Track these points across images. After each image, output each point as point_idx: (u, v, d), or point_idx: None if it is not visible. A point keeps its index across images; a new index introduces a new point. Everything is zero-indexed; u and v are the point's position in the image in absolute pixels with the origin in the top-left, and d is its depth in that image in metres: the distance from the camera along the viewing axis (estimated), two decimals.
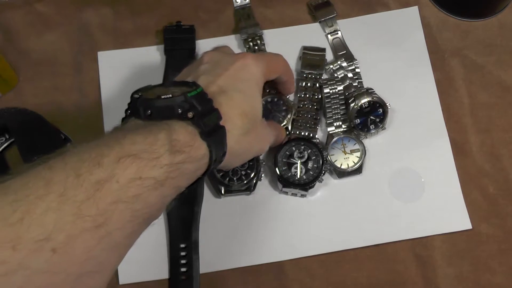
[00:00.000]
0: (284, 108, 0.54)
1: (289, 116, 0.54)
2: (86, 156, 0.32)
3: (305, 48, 0.57)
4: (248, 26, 0.57)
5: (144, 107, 0.36)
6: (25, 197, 0.29)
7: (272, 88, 0.54)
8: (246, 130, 0.41)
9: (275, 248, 0.52)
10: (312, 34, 0.58)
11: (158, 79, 0.56)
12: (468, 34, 0.59)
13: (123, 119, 0.38)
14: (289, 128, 0.54)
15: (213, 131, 0.37)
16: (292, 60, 0.57)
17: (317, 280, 0.51)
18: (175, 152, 0.34)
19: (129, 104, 0.38)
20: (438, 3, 0.59)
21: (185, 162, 0.35)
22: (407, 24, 0.59)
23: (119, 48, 0.57)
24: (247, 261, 0.51)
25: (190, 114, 0.36)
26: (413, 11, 0.59)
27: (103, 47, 0.57)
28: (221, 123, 0.38)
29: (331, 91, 0.54)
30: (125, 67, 0.57)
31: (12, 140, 0.51)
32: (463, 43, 0.58)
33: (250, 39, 0.57)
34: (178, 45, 0.56)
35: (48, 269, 0.29)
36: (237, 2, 0.59)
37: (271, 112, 0.54)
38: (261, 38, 0.57)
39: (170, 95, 0.36)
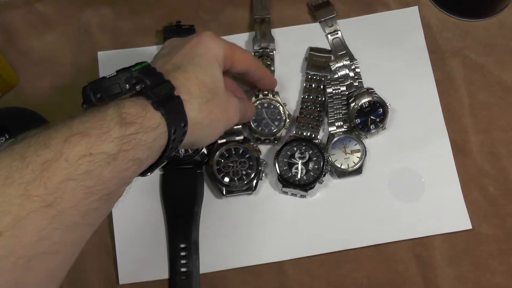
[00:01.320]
0: (278, 117, 0.53)
1: (282, 127, 0.53)
2: (32, 141, 0.32)
3: (311, 49, 0.57)
4: (262, 39, 0.56)
5: (94, 92, 0.36)
6: None
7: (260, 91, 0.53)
8: (206, 99, 0.40)
9: (275, 248, 0.52)
10: (312, 34, 0.58)
11: None
12: (468, 34, 0.59)
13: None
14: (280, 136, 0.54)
15: (166, 101, 0.37)
16: (294, 60, 0.57)
17: (317, 280, 0.51)
18: (126, 124, 0.34)
19: (83, 97, 0.38)
20: (438, 3, 0.59)
21: (138, 132, 0.34)
22: (407, 24, 0.59)
23: (119, 48, 0.57)
24: (247, 261, 0.51)
25: (138, 88, 0.36)
26: (413, 11, 0.59)
27: (103, 47, 0.57)
28: (176, 93, 0.38)
29: (334, 91, 0.54)
30: None
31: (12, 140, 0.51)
32: (463, 43, 0.58)
33: (261, 50, 0.56)
34: None
35: None
36: (257, 14, 0.57)
37: (264, 118, 0.53)
38: (271, 51, 0.56)
39: (115, 73, 0.37)
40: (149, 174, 0.39)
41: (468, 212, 0.53)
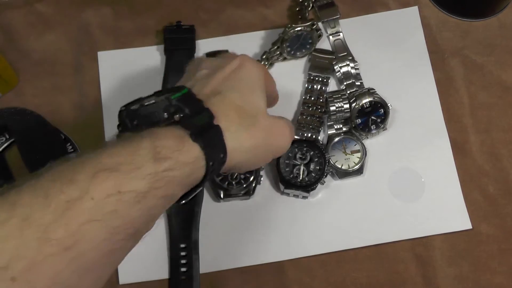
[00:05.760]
0: (310, 41, 0.54)
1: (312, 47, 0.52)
2: (58, 174, 0.30)
3: (315, 50, 0.56)
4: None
5: (130, 118, 0.34)
6: None
7: None
8: (246, 125, 0.39)
9: (275, 248, 0.52)
10: None
11: (158, 79, 0.56)
12: (468, 34, 0.59)
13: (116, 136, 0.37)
14: None
15: (205, 131, 0.35)
16: (295, 60, 0.57)
17: (317, 280, 0.51)
18: (160, 159, 0.32)
19: (119, 116, 0.36)
20: (438, 3, 0.59)
21: (172, 169, 0.32)
22: (407, 24, 0.59)
23: (119, 48, 0.57)
24: (247, 261, 0.51)
25: (177, 117, 0.34)
26: (413, 11, 0.59)
27: (103, 47, 0.57)
28: (215, 122, 0.36)
29: (337, 109, 0.53)
30: (125, 67, 0.57)
31: (12, 140, 0.51)
32: (463, 43, 0.58)
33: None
34: (178, 45, 0.56)
35: None
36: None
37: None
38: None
39: (153, 101, 0.35)
40: (182, 202, 0.36)
41: (468, 212, 0.53)
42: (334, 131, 0.54)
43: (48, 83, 0.56)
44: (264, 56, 0.56)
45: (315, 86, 0.55)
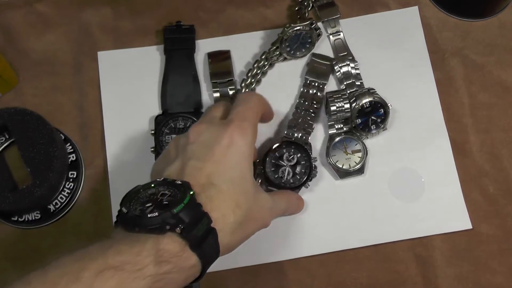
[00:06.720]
0: (309, 40, 0.54)
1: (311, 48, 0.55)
2: (66, 270, 0.32)
3: (313, 55, 0.56)
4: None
5: (132, 225, 0.36)
6: None
7: None
8: (239, 223, 0.40)
9: (275, 248, 0.52)
10: None
11: (158, 79, 0.56)
12: (468, 34, 0.59)
13: (115, 223, 0.38)
14: None
15: (203, 239, 0.36)
16: (294, 61, 0.57)
17: (317, 280, 0.51)
18: (161, 262, 0.34)
19: (119, 212, 0.38)
20: (438, 3, 0.59)
21: (171, 272, 0.35)
22: (407, 24, 0.59)
23: (119, 48, 0.57)
24: (247, 261, 0.51)
25: (178, 230, 0.35)
26: (413, 11, 0.59)
27: (103, 47, 0.57)
28: (213, 224, 0.37)
29: (338, 109, 0.53)
30: (125, 67, 0.57)
31: (12, 140, 0.51)
32: (463, 43, 0.58)
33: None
34: (178, 45, 0.56)
35: None
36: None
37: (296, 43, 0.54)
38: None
39: (156, 214, 0.35)
40: None
41: (468, 212, 0.53)
42: (335, 130, 0.54)
43: (48, 83, 0.56)
44: (263, 57, 0.56)
45: (310, 91, 0.55)
